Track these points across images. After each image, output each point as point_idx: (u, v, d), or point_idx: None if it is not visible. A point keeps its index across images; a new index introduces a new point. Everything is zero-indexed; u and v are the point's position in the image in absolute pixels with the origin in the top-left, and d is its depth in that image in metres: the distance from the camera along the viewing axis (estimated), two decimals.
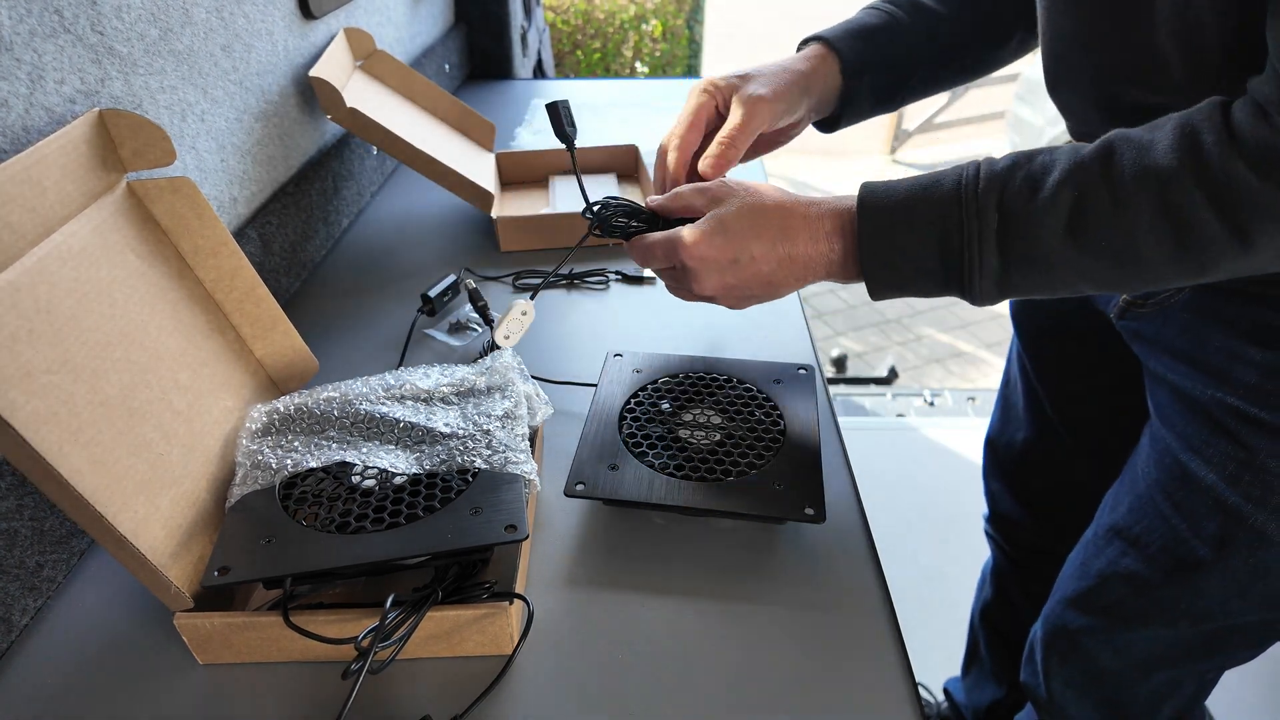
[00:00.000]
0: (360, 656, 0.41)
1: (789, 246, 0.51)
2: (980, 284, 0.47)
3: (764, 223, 0.51)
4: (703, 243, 0.52)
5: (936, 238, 0.47)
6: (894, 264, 0.48)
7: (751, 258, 0.51)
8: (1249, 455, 0.52)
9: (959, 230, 0.46)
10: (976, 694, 1.10)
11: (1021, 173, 0.45)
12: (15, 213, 0.43)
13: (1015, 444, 0.88)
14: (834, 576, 0.51)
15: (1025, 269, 0.46)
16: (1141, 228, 0.42)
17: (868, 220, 0.48)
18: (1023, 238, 0.45)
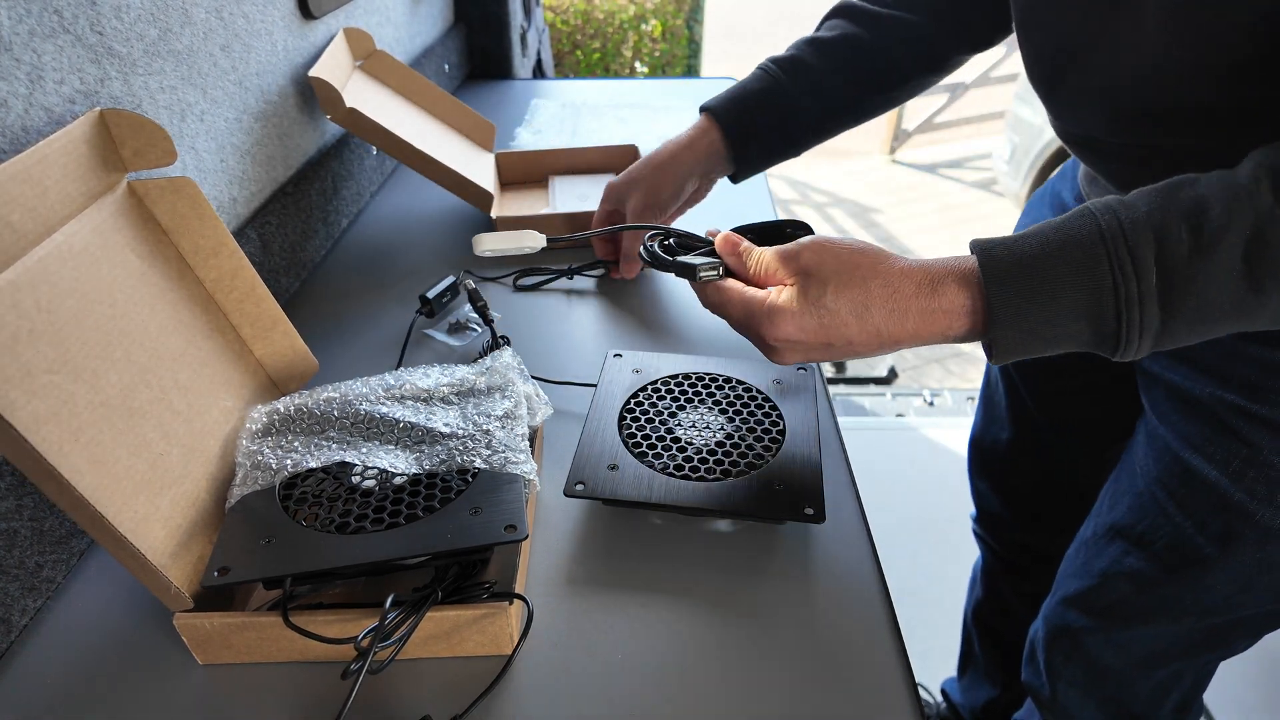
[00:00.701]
0: (360, 656, 0.41)
1: (896, 327, 0.44)
2: (1138, 345, 0.41)
3: (868, 301, 0.44)
4: (793, 323, 0.45)
5: (1086, 304, 0.40)
6: (1035, 334, 0.42)
7: (848, 342, 0.45)
8: (1252, 452, 0.53)
9: (1114, 294, 0.39)
10: (972, 694, 1.10)
11: (1174, 215, 0.39)
12: (16, 212, 0.43)
13: (999, 443, 0.88)
14: (834, 576, 0.51)
15: (1191, 322, 0.40)
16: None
17: (1001, 289, 0.41)
18: (1191, 292, 0.39)
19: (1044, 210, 0.74)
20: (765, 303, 0.46)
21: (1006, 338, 0.42)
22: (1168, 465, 0.59)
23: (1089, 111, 0.53)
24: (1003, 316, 0.41)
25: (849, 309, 0.44)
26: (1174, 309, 0.39)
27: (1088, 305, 0.40)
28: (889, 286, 0.44)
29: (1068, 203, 0.70)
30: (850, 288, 0.44)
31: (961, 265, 0.43)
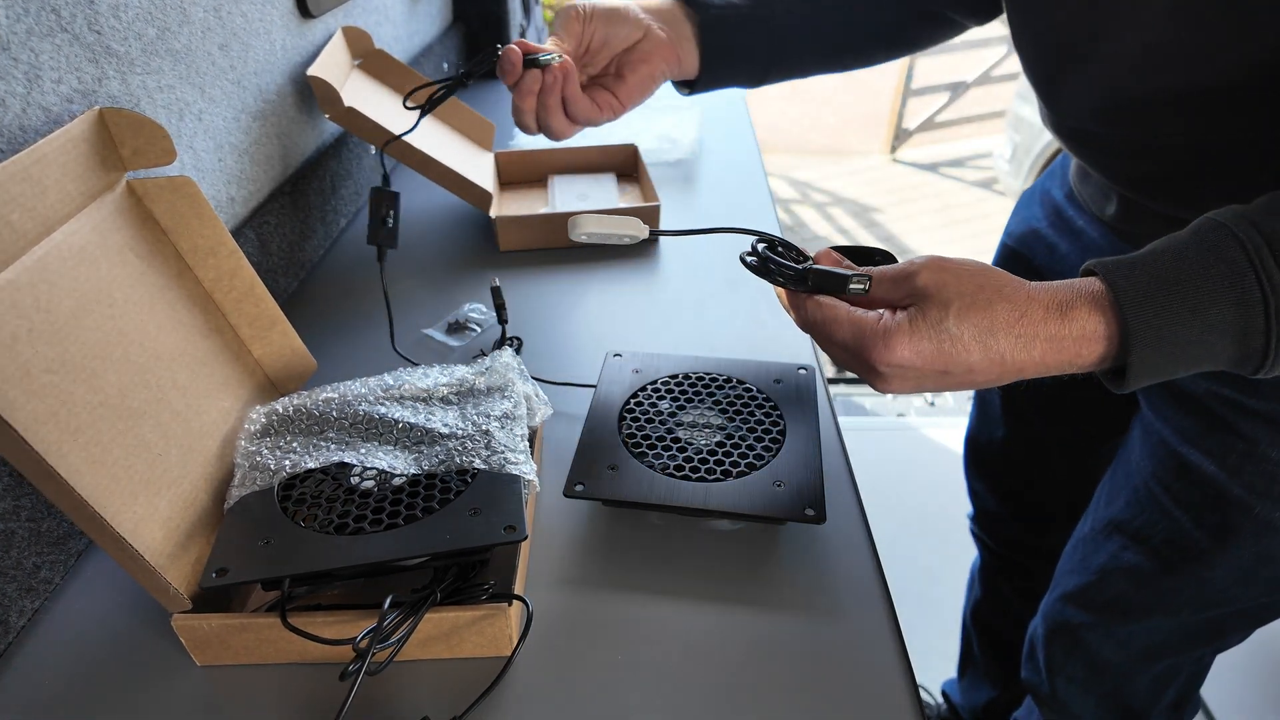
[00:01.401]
0: (358, 658, 0.41)
1: (1023, 354, 0.40)
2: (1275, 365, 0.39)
3: (993, 326, 0.40)
4: (909, 347, 0.41)
5: (1234, 320, 0.37)
6: (1177, 355, 0.39)
7: (968, 369, 0.41)
8: (1249, 446, 0.53)
9: (1263, 307, 0.37)
10: (973, 695, 1.10)
11: None
12: (15, 212, 0.42)
13: (994, 442, 0.88)
14: (834, 577, 0.51)
15: None
16: None
17: (1141, 310, 0.38)
18: None
19: (1034, 208, 0.74)
20: (879, 324, 0.42)
21: (1146, 360, 0.39)
22: (1164, 460, 0.59)
23: (1086, 103, 0.53)
24: (1143, 338, 0.38)
25: (972, 334, 0.40)
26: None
27: (1235, 321, 0.37)
28: (1016, 310, 0.40)
29: (1058, 200, 0.70)
30: (974, 311, 0.40)
31: (1090, 289, 0.40)
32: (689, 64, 0.65)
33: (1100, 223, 0.63)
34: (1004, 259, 0.78)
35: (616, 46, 0.63)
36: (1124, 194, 0.58)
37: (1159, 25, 0.45)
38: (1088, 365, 0.41)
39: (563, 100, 0.60)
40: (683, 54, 0.64)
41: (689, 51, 0.65)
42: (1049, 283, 0.41)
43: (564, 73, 0.59)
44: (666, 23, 0.63)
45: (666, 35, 0.63)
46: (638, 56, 0.63)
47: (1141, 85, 0.48)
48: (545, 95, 0.59)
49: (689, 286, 0.83)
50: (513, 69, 0.59)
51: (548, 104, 0.59)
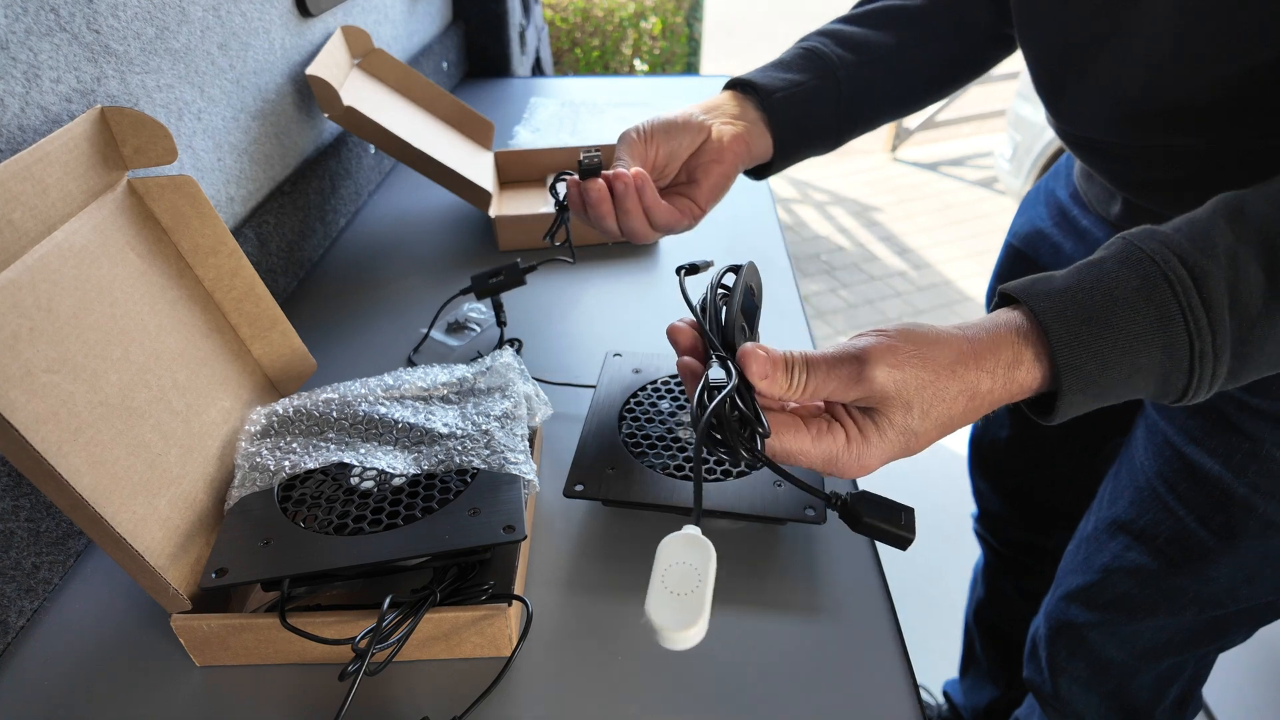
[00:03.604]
0: (358, 658, 0.41)
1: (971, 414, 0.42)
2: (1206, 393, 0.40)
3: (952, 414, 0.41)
4: (880, 456, 0.42)
5: (1160, 363, 0.38)
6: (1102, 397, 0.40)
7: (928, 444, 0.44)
8: (1254, 445, 0.53)
9: (1188, 351, 0.38)
10: (974, 695, 1.10)
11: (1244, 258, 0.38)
12: (17, 211, 0.42)
13: (999, 442, 0.88)
14: (835, 577, 0.51)
15: (1260, 367, 0.39)
16: None
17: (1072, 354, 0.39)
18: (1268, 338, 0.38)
19: (1039, 208, 0.74)
20: (849, 447, 0.42)
21: (1075, 402, 0.40)
22: (1169, 460, 0.59)
23: (1094, 113, 0.53)
24: (1074, 384, 0.39)
25: (936, 426, 0.42)
26: (1247, 358, 0.38)
27: (1161, 364, 0.38)
28: (969, 390, 0.41)
29: (1062, 200, 0.70)
30: (937, 405, 0.41)
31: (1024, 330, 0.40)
32: (760, 150, 0.63)
33: (1105, 223, 0.63)
34: (1009, 259, 0.78)
35: (682, 155, 0.60)
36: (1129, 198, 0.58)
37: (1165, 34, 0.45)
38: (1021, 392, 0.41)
39: (644, 208, 0.57)
40: (752, 141, 0.62)
41: (759, 136, 0.62)
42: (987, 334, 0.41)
43: (638, 182, 0.56)
44: (730, 115, 0.61)
45: (732, 129, 0.61)
46: (708, 158, 0.60)
47: (1147, 94, 0.48)
48: (621, 201, 0.56)
49: None
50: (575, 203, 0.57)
51: (626, 208, 0.56)
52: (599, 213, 0.56)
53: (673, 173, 0.61)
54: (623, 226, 0.57)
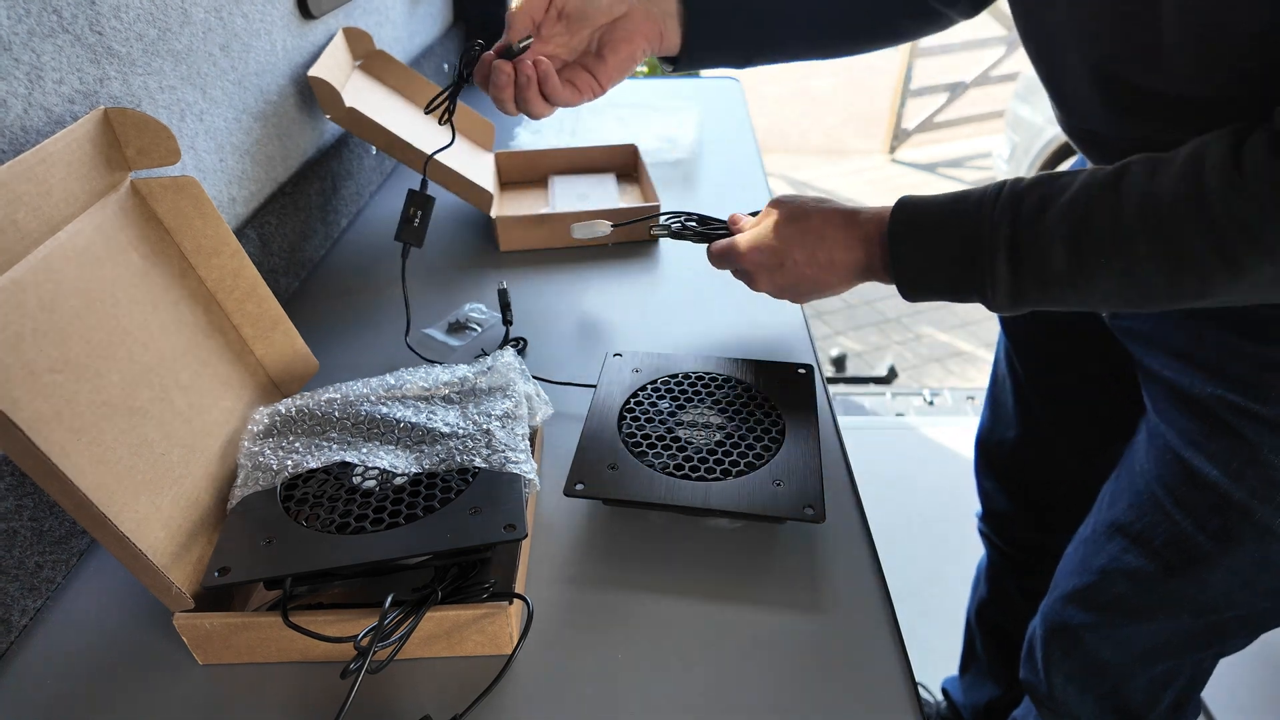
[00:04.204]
0: (359, 656, 0.41)
1: (826, 253, 0.57)
2: (995, 296, 0.49)
3: (805, 229, 0.58)
4: (752, 251, 0.60)
5: (956, 250, 0.49)
6: (919, 271, 0.52)
7: (795, 262, 0.58)
8: (1252, 451, 0.53)
9: (975, 242, 0.48)
10: (974, 693, 1.10)
11: (1040, 191, 0.47)
12: (21, 211, 0.43)
13: (1006, 442, 0.88)
14: (834, 576, 0.51)
15: (1035, 283, 0.47)
16: (1140, 253, 0.43)
17: (897, 230, 0.52)
18: (1031, 253, 0.47)
19: None
20: (735, 239, 0.62)
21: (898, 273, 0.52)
22: (1168, 463, 0.59)
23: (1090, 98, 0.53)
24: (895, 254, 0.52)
25: (791, 233, 0.58)
26: (1019, 265, 0.47)
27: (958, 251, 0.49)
28: (823, 217, 0.57)
29: None
30: (794, 218, 0.58)
31: (885, 209, 0.54)
32: (670, 42, 0.65)
33: None
34: None
35: (596, 19, 0.62)
36: None
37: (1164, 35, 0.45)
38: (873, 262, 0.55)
39: (544, 94, 0.61)
40: (665, 31, 0.64)
41: (671, 29, 0.65)
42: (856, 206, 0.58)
43: (540, 71, 0.59)
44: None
45: (649, 11, 0.63)
46: (620, 35, 0.62)
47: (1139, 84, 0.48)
48: (523, 90, 0.60)
49: (689, 286, 0.84)
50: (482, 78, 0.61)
51: (526, 95, 0.60)
52: (501, 95, 0.60)
53: (582, 39, 0.63)
54: (520, 105, 0.61)
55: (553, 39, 0.62)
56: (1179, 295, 0.44)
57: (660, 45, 0.65)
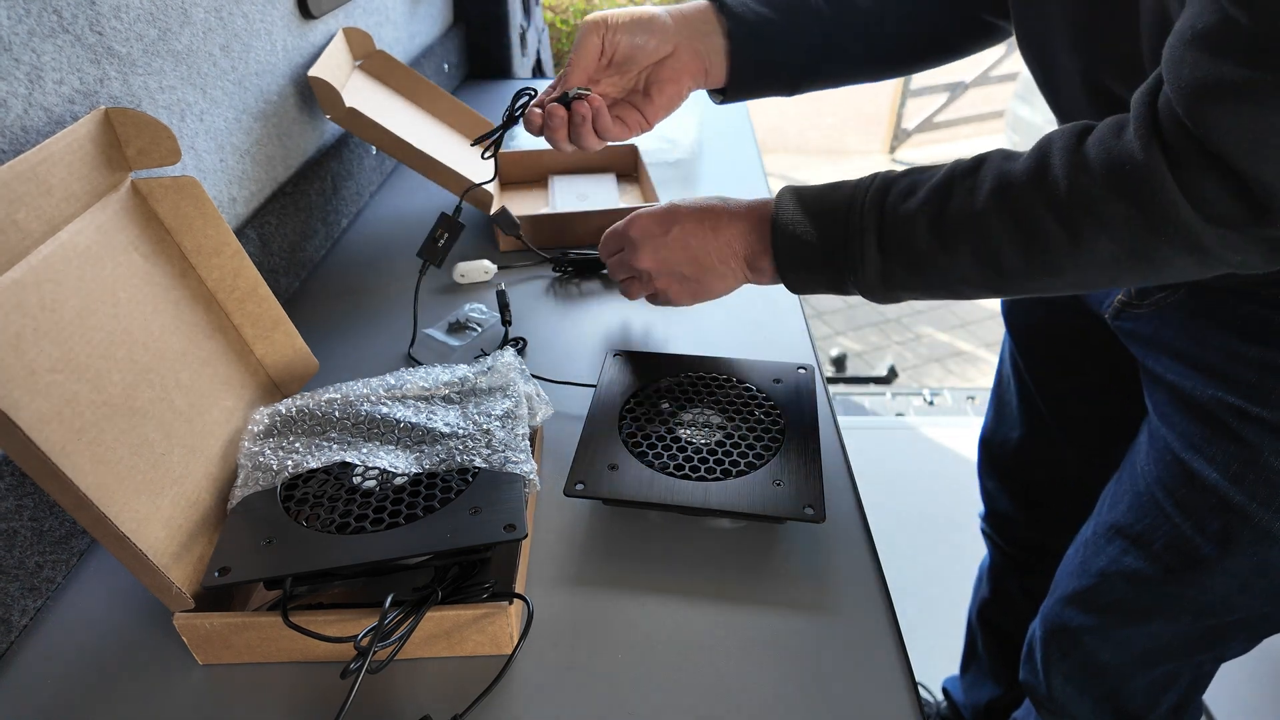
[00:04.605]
0: (359, 656, 0.41)
1: (713, 224, 0.59)
2: (866, 277, 0.51)
3: (700, 209, 0.60)
4: (648, 217, 0.62)
5: (831, 233, 0.52)
6: (797, 254, 0.54)
7: (682, 229, 0.60)
8: (1252, 454, 0.52)
9: (845, 225, 0.51)
10: (975, 693, 1.10)
11: (909, 179, 0.50)
12: (22, 211, 0.43)
13: (1010, 442, 0.88)
14: (834, 576, 0.51)
15: (903, 265, 0.50)
16: (994, 230, 0.45)
17: (779, 213, 0.55)
18: (898, 235, 0.49)
19: None
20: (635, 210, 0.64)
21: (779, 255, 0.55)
22: (1168, 466, 0.59)
23: (1080, 101, 0.53)
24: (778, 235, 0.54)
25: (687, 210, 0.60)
26: (887, 247, 0.49)
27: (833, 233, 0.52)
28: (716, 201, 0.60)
29: None
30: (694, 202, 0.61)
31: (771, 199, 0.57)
32: (716, 76, 0.66)
33: None
34: None
35: (644, 61, 0.64)
36: None
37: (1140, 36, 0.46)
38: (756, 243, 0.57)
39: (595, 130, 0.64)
40: (710, 67, 0.65)
41: (717, 65, 0.65)
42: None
43: (594, 109, 0.63)
44: (697, 31, 0.64)
45: (695, 49, 0.64)
46: (666, 75, 0.64)
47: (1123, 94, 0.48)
48: (577, 128, 0.63)
49: None
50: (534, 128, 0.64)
51: (580, 133, 0.63)
52: (555, 137, 0.64)
53: (631, 78, 0.66)
54: (573, 141, 0.65)
55: (603, 80, 0.65)
56: (1033, 274, 0.46)
57: (705, 81, 0.67)
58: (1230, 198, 0.37)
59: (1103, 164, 0.41)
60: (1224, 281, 0.52)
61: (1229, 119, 0.35)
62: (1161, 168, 0.39)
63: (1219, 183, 0.37)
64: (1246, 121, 0.35)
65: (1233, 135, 0.36)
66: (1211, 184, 0.37)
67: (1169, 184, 0.38)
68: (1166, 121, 0.38)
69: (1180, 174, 0.38)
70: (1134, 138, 0.40)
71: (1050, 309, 0.76)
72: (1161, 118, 0.39)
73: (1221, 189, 0.37)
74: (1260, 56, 0.34)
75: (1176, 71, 0.37)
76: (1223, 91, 0.35)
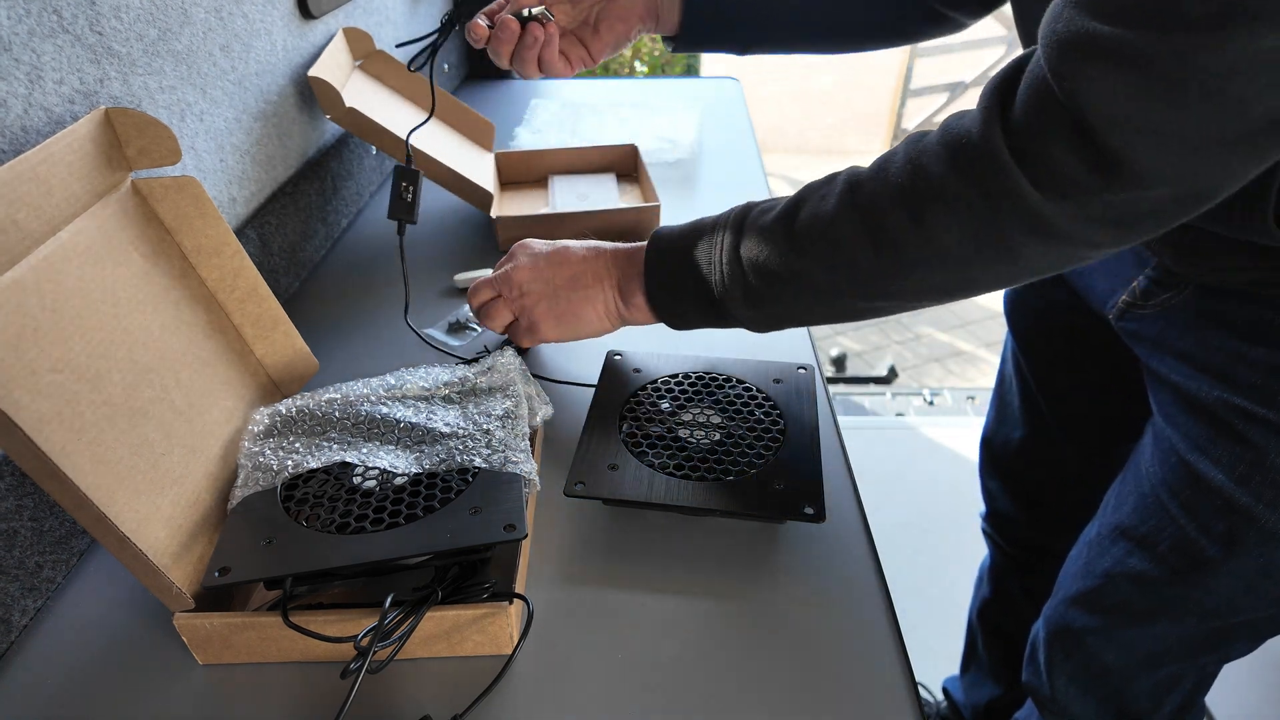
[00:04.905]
0: (359, 656, 0.41)
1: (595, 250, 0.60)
2: (731, 296, 0.51)
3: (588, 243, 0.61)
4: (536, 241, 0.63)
5: (695, 252, 0.53)
6: (665, 275, 0.55)
7: (567, 249, 0.60)
8: (1258, 455, 0.52)
9: (709, 245, 0.52)
10: (975, 692, 1.10)
11: (770, 201, 0.51)
12: (22, 211, 0.43)
13: (1011, 442, 0.88)
14: (834, 576, 0.51)
15: (762, 278, 0.50)
16: (844, 231, 0.46)
17: (652, 239, 0.56)
18: (755, 249, 0.49)
19: None
20: None
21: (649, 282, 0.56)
22: (1173, 467, 0.58)
23: None
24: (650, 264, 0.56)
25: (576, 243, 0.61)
26: (747, 260, 0.50)
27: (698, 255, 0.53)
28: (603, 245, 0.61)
29: None
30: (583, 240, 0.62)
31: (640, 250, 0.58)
32: (668, 23, 0.68)
33: None
34: None
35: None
36: None
37: None
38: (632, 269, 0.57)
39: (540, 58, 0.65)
40: (663, 12, 0.67)
41: (670, 10, 0.67)
42: None
43: (548, 36, 0.63)
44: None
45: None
46: (617, 12, 0.66)
47: None
48: (525, 49, 0.63)
49: None
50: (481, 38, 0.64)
51: (525, 56, 0.64)
52: (500, 50, 0.64)
53: (583, 10, 0.67)
54: (512, 64, 0.66)
55: (555, 7, 0.65)
56: (886, 273, 0.45)
57: (656, 26, 0.68)
58: (1079, 160, 0.37)
59: (942, 145, 0.41)
60: (1229, 282, 0.52)
61: (1095, 74, 0.35)
62: (998, 141, 0.38)
63: (1070, 144, 0.37)
64: (1111, 78, 0.35)
65: (1096, 91, 0.35)
66: (1061, 146, 0.37)
67: (1004, 157, 0.38)
68: (1024, 92, 0.38)
69: (1023, 146, 0.38)
70: (975, 117, 0.40)
71: (1052, 308, 0.76)
72: (1020, 90, 0.38)
73: (1071, 151, 0.37)
74: (1135, 15, 0.33)
75: (1052, 28, 0.37)
76: (1093, 47, 0.35)
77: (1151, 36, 0.33)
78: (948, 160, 0.41)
